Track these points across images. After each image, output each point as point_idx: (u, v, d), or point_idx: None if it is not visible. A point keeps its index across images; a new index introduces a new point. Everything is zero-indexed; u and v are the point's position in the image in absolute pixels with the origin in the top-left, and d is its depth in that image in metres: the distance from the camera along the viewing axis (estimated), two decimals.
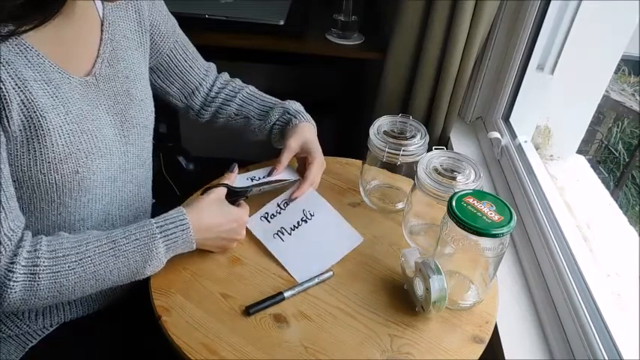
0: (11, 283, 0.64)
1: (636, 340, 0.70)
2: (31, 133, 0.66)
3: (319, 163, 0.92)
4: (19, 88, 0.64)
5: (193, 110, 1.01)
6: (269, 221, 0.88)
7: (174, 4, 0.94)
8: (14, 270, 0.64)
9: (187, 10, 1.39)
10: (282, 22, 1.44)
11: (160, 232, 0.72)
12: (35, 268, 0.65)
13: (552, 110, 1.20)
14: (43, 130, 0.66)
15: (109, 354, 0.83)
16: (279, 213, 0.89)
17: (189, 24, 0.98)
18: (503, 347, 0.76)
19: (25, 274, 0.65)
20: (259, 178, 0.91)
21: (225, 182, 0.83)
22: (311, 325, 0.72)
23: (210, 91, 1.00)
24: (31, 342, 0.81)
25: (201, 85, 0.98)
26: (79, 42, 0.74)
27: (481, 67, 1.24)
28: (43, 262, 0.66)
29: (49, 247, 0.67)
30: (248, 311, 0.73)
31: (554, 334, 0.78)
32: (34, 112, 0.65)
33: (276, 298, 0.75)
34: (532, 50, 1.13)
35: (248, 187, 0.85)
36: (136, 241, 0.71)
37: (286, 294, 0.76)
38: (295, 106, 0.97)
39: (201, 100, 1.00)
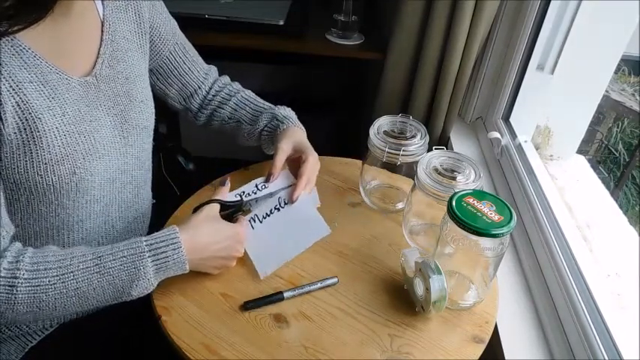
0: None
1: (636, 340, 0.70)
2: (26, 135, 0.66)
3: (313, 160, 0.89)
4: (13, 90, 0.64)
5: (191, 112, 1.01)
6: (243, 200, 0.85)
7: (174, 4, 0.94)
8: None
9: (187, 10, 1.39)
10: (282, 22, 1.44)
11: (150, 251, 0.69)
12: (14, 280, 0.62)
13: (552, 110, 1.20)
14: (39, 132, 0.66)
15: (108, 354, 0.83)
16: (255, 193, 0.86)
17: (189, 24, 0.98)
18: (503, 347, 0.76)
19: (2, 285, 0.62)
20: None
21: (218, 198, 0.80)
22: (311, 325, 0.72)
23: (207, 93, 1.00)
24: (31, 342, 0.81)
25: (200, 87, 0.98)
26: (78, 42, 0.74)
27: (481, 67, 1.24)
28: (23, 274, 0.63)
29: (32, 259, 0.65)
30: (245, 306, 0.74)
31: (554, 334, 0.78)
32: (29, 113, 0.65)
33: (275, 297, 0.75)
34: (532, 50, 1.13)
35: (242, 200, 0.82)
36: (123, 258, 0.68)
37: (286, 294, 0.76)
38: (285, 112, 0.96)
39: (199, 103, 0.99)
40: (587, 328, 0.72)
